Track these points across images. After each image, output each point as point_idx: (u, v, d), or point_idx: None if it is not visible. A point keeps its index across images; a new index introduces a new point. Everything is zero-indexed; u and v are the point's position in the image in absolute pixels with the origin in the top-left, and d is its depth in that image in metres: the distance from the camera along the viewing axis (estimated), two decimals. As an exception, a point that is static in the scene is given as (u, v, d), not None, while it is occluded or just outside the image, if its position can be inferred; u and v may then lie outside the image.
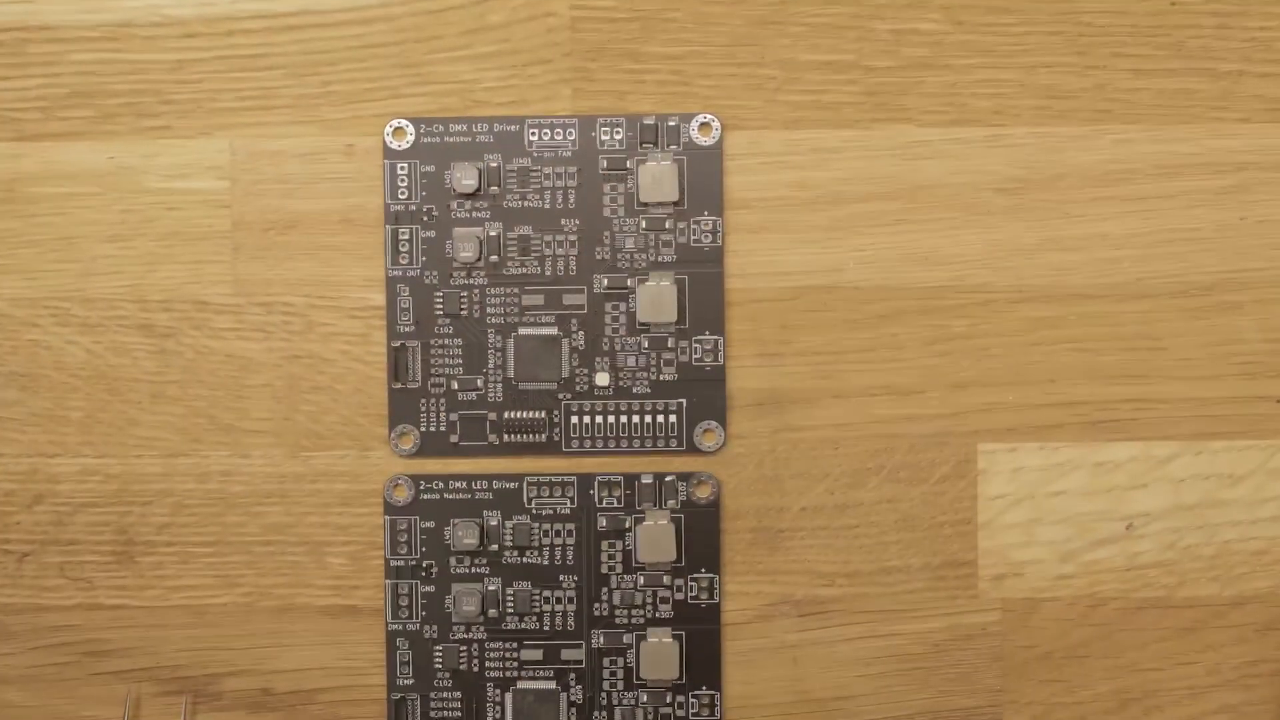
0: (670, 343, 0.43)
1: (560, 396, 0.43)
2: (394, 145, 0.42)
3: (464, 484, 0.43)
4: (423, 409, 0.43)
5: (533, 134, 0.43)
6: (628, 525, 0.43)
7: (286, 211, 0.43)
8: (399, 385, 0.43)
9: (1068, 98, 0.42)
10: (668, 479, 0.43)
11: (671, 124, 0.43)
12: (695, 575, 0.43)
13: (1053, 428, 0.43)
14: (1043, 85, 0.42)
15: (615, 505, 0.43)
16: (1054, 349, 0.43)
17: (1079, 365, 0.43)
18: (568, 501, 0.43)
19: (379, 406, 0.43)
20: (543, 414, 0.43)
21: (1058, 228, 0.42)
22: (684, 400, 0.43)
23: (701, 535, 0.43)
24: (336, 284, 0.43)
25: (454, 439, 0.43)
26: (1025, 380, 0.43)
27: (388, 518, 0.43)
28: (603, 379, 0.43)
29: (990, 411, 0.43)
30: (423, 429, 0.43)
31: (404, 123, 0.42)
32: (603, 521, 0.43)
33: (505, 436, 0.43)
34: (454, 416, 0.43)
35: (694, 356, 0.43)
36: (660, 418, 0.43)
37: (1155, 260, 0.43)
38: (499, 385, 0.43)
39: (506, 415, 0.43)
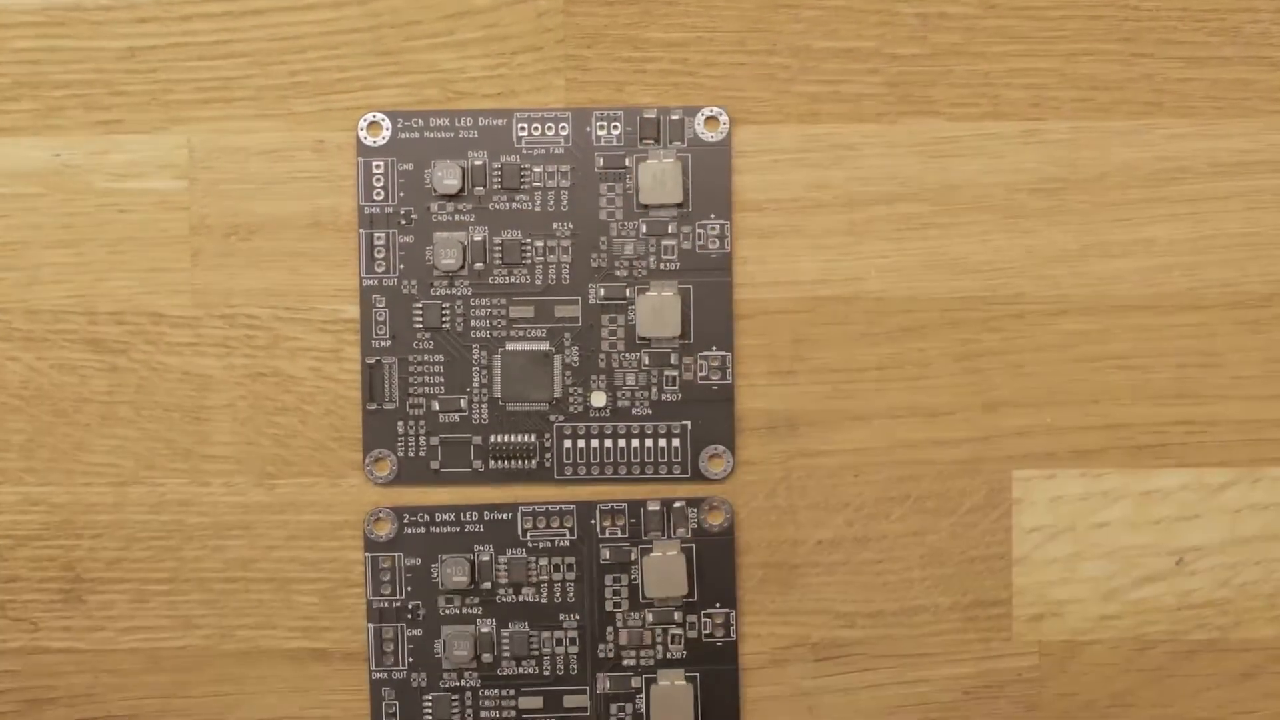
0: (673, 359, 0.41)
1: (552, 418, 0.42)
2: (369, 141, 0.41)
3: (452, 515, 0.41)
4: (400, 432, 0.41)
5: (522, 129, 0.41)
6: (633, 557, 0.41)
7: (250, 214, 0.41)
8: (374, 406, 0.41)
9: (1112, 89, 0.41)
10: (676, 505, 0.41)
11: (674, 118, 0.41)
12: (709, 611, 0.41)
13: (1095, 453, 0.41)
14: (1084, 75, 0.41)
15: (619, 535, 0.41)
16: (1096, 366, 0.41)
17: (1124, 384, 0.41)
18: (567, 532, 0.41)
19: (353, 430, 0.42)
20: (533, 438, 0.41)
21: (1101, 232, 0.41)
22: (688, 422, 0.41)
23: (715, 566, 0.41)
24: (305, 294, 0.42)
25: (434, 465, 0.42)
26: (1065, 400, 0.41)
27: (369, 555, 0.41)
28: (599, 399, 0.41)
29: (1026, 435, 0.41)
30: (400, 454, 0.41)
31: (379, 116, 0.41)
32: (606, 554, 0.41)
33: (491, 463, 0.41)
34: (434, 440, 0.42)
35: (699, 374, 0.41)
36: (662, 442, 0.41)
37: (1209, 268, 0.41)
38: (484, 406, 0.42)
39: (493, 439, 0.41)
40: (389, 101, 0.41)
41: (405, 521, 0.41)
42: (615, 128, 0.41)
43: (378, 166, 0.41)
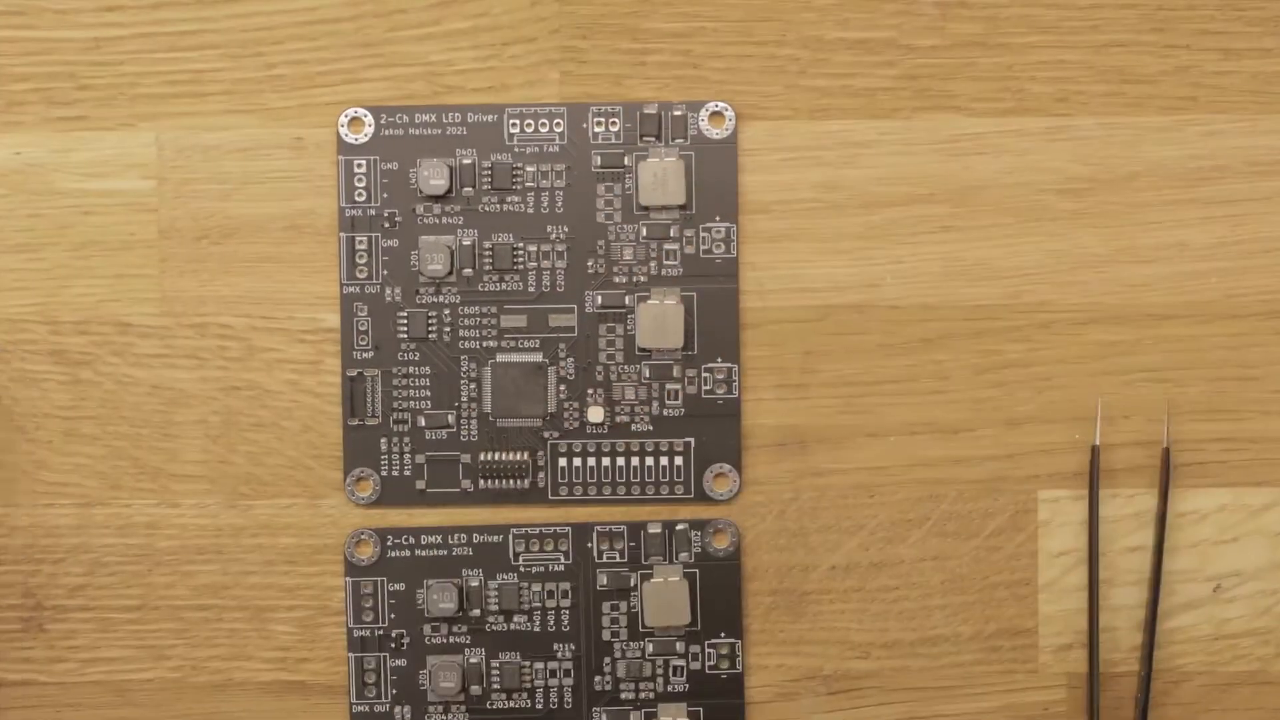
0: (676, 371, 0.41)
1: (546, 435, 0.41)
2: (350, 138, 0.41)
3: (439, 538, 0.41)
4: (383, 450, 0.41)
5: (514, 125, 0.41)
6: (633, 583, 0.41)
7: (223, 217, 0.41)
8: (356, 422, 0.41)
9: (1144, 82, 0.41)
10: (679, 527, 0.41)
11: (677, 113, 0.41)
12: (713, 641, 0.41)
13: (1126, 472, 0.41)
14: (1115, 68, 0.41)
15: (618, 560, 0.41)
16: (1127, 379, 0.41)
17: (1157, 398, 0.41)
18: (561, 556, 0.41)
19: (333, 447, 0.41)
20: (525, 456, 0.41)
21: (1132, 236, 0.41)
22: (692, 439, 0.41)
23: (720, 593, 0.41)
24: (282, 302, 0.41)
25: (420, 485, 0.41)
26: (1093, 416, 0.41)
27: (349, 580, 0.41)
28: (596, 414, 0.41)
29: (1053, 453, 0.41)
30: (383, 473, 0.41)
31: (361, 112, 0.41)
32: (603, 579, 0.41)
33: (481, 482, 0.41)
34: (420, 459, 0.41)
35: (704, 388, 0.41)
36: (664, 460, 0.41)
37: (1247, 274, 0.41)
38: (473, 422, 0.41)
39: (482, 457, 0.41)
40: (372, 96, 0.41)
41: (389, 544, 0.41)
42: (613, 124, 0.41)
43: (359, 166, 0.41)
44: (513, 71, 0.41)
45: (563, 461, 0.41)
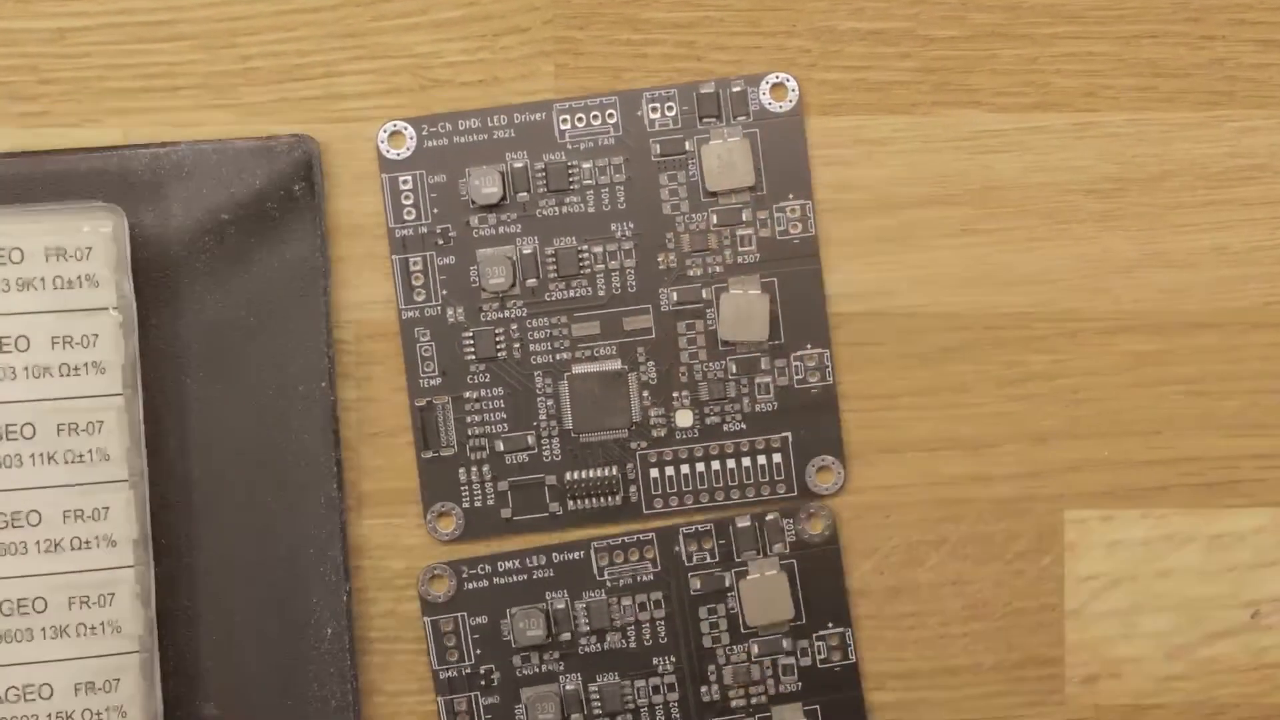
0: (764, 363, 0.40)
1: (633, 446, 0.40)
2: (391, 154, 0.40)
3: (516, 563, 0.40)
4: (463, 480, 0.40)
5: (564, 121, 0.40)
6: (728, 583, 0.40)
7: None
8: (430, 454, 0.40)
9: (1177, 76, 0.40)
10: (769, 518, 0.40)
11: (736, 90, 0.40)
12: (821, 633, 0.40)
13: (1158, 490, 0.40)
14: (1145, 60, 0.40)
15: (709, 561, 0.40)
16: (1160, 392, 0.40)
17: (1191, 412, 0.40)
18: (649, 565, 0.40)
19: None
20: (614, 470, 0.40)
21: (1164, 239, 0.40)
22: (789, 434, 0.40)
23: (821, 582, 0.40)
24: None
25: (505, 514, 0.40)
26: (1124, 431, 0.40)
27: (428, 619, 0.40)
28: (684, 418, 0.40)
29: (1080, 470, 0.40)
30: (465, 505, 0.40)
31: (401, 125, 0.40)
32: (696, 583, 0.40)
33: (570, 503, 0.40)
34: (503, 486, 0.40)
35: (795, 377, 0.40)
36: (761, 459, 0.40)
37: None
38: (555, 441, 0.40)
39: (568, 477, 0.40)
40: (355, 90, 0.40)
41: (464, 576, 0.40)
42: (670, 108, 0.40)
43: (405, 182, 0.40)
44: (504, 64, 0.40)
45: (654, 472, 0.40)
